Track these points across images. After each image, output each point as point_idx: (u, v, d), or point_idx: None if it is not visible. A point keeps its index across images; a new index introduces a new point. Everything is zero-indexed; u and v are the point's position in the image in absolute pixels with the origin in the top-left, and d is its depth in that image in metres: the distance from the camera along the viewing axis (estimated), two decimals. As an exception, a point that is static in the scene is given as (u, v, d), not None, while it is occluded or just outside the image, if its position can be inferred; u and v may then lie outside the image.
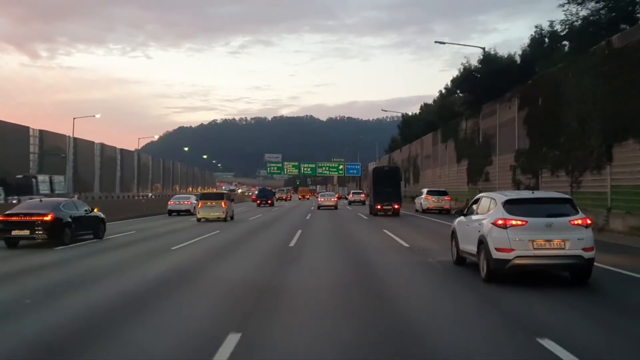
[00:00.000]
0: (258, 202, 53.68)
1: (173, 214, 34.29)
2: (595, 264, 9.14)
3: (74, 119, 54.33)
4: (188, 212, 33.90)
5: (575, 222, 8.80)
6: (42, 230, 15.31)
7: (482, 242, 9.31)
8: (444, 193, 34.74)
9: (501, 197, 9.49)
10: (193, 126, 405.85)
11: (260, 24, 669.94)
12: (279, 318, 6.95)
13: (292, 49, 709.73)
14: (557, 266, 8.99)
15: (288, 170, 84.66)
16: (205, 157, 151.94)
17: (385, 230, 20.54)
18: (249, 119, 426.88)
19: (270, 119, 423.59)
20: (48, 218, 15.38)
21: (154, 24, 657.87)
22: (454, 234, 11.58)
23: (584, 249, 8.66)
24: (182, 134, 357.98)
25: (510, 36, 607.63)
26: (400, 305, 7.82)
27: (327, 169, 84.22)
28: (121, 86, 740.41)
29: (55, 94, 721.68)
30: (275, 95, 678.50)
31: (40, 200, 17.69)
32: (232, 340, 5.68)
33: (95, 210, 18.60)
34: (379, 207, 31.26)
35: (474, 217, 10.36)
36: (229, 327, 6.17)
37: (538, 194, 9.74)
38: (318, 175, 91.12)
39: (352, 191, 67.59)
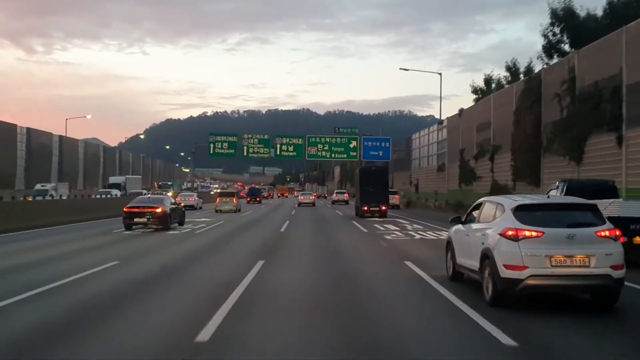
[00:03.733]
0: (248, 199, 58.86)
1: None
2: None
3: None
4: (192, 207, 40.73)
5: (603, 233, 7.41)
6: (154, 219, 21.08)
7: (486, 257, 7.90)
8: (394, 192, 45.46)
9: (510, 202, 8.08)
10: (182, 119, 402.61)
11: (257, 22, 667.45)
12: None
13: (289, 47, 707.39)
14: (579, 287, 7.59)
15: (254, 150, 50.95)
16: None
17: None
18: (241, 112, 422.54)
19: (264, 112, 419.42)
20: (159, 210, 21.22)
21: (150, 20, 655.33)
22: (449, 245, 10.19)
23: (613, 267, 7.28)
24: (169, 127, 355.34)
25: (507, 37, 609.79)
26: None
27: (326, 148, 50.11)
28: (117, 82, 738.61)
29: (51, 90, 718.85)
30: (271, 94, 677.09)
31: (149, 197, 24.67)
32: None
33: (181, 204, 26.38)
34: (365, 208, 31.13)
35: (474, 225, 8.97)
36: None
37: (555, 199, 8.30)
38: (310, 158, 52.89)
39: (335, 191, 69.57)
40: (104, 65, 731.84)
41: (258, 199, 60.26)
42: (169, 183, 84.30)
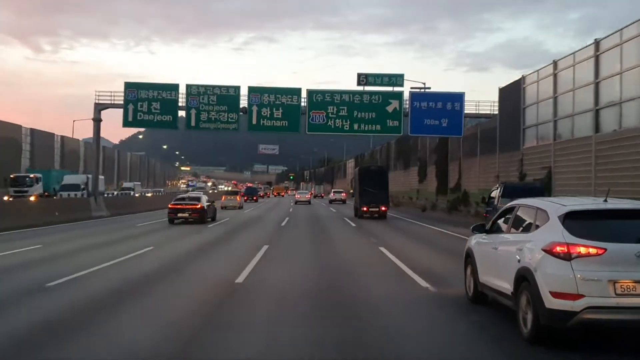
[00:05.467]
0: (245, 198, 58.70)
1: None
2: None
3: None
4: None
5: (685, 251, 5.56)
6: (194, 214, 24.31)
7: (524, 280, 6.10)
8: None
9: (556, 206, 6.25)
10: (184, 115, 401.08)
11: (264, 20, 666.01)
12: None
13: (296, 45, 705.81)
14: (652, 323, 5.75)
15: (210, 117, 31.39)
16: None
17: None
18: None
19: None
20: (198, 207, 24.59)
21: (158, 18, 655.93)
22: (469, 259, 8.38)
23: (699, 296, 5.43)
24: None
25: (515, 35, 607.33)
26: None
27: (343, 112, 30.69)
28: (124, 81, 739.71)
29: (58, 89, 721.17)
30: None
31: (189, 195, 27.95)
32: None
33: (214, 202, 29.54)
34: (364, 209, 30.72)
35: (505, 236, 7.19)
36: None
37: (617, 204, 6.42)
38: (312, 131, 31.30)
39: (333, 190, 67.39)
40: (111, 64, 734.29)
41: (255, 198, 63.37)
42: (30, 176, 43.09)
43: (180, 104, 32.00)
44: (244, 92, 31.41)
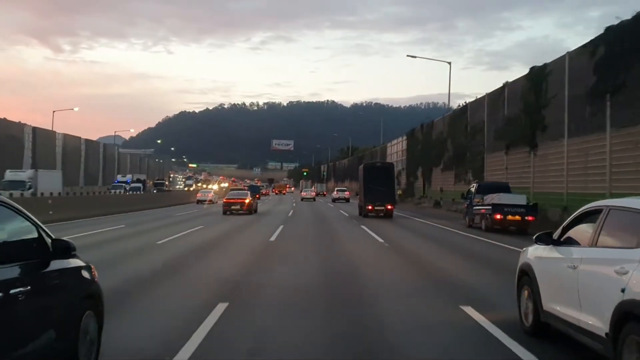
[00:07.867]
0: None
1: (199, 203, 49.31)
2: None
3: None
4: (210, 202, 49.27)
5: None
6: (244, 206, 31.57)
7: (632, 318, 4.13)
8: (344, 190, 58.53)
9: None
10: (197, 111, 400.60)
11: (280, 20, 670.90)
12: None
13: (313, 45, 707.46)
14: None
15: None
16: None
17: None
18: (261, 103, 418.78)
19: (285, 104, 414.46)
20: (247, 201, 32.14)
21: (175, 18, 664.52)
22: (526, 278, 6.46)
23: None
24: (182, 120, 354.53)
25: (534, 34, 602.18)
26: None
27: None
28: (143, 81, 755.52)
29: (78, 88, 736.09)
30: (295, 92, 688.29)
31: (239, 192, 36.47)
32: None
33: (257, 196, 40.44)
34: (370, 207, 30.54)
35: (588, 250, 5.21)
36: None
37: None
38: None
39: (336, 188, 67.87)
40: (129, 64, 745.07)
41: (257, 196, 68.77)
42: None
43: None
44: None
